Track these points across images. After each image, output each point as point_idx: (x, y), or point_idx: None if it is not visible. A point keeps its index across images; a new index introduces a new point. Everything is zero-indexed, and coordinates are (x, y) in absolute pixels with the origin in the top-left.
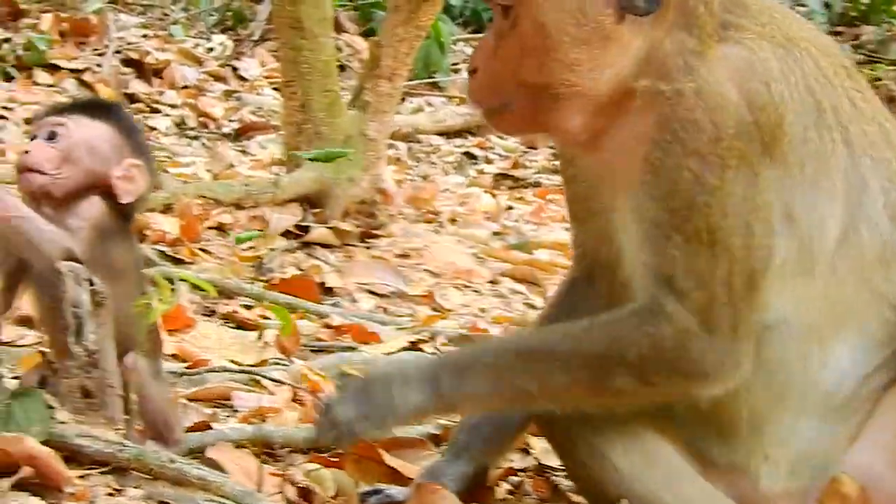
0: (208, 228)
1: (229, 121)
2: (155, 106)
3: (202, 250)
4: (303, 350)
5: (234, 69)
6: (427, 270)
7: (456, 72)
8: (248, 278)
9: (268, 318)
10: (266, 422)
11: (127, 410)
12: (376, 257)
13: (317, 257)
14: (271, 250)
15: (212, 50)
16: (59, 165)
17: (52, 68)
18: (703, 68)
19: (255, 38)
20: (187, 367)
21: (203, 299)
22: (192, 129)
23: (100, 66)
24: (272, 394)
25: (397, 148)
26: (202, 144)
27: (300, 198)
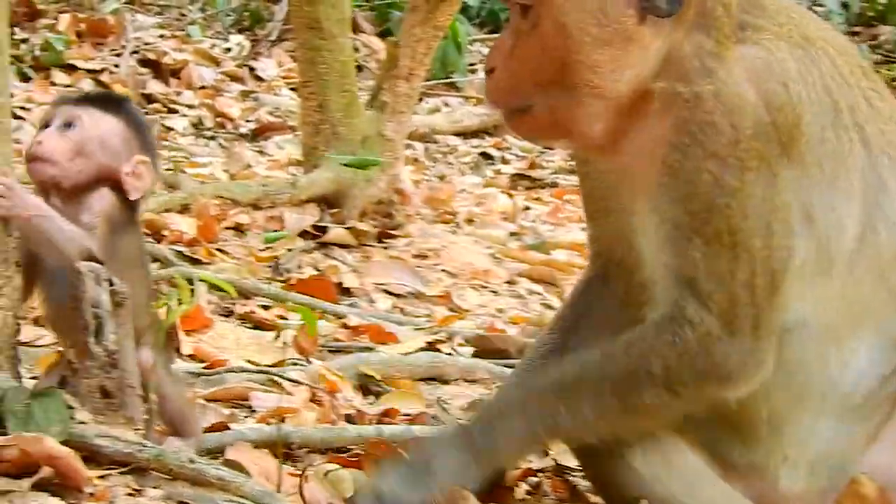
0: (225, 229)
1: (246, 121)
2: (172, 106)
3: (219, 250)
4: (320, 350)
5: (252, 69)
6: (444, 271)
7: (473, 72)
8: (266, 279)
9: (285, 319)
10: (284, 422)
11: (147, 410)
12: (394, 257)
13: (334, 257)
14: (289, 250)
15: (229, 50)
16: (71, 157)
17: (70, 69)
18: (722, 70)
19: (273, 38)
20: (205, 368)
21: (220, 300)
22: (210, 129)
23: (117, 66)
24: (290, 394)
25: (414, 148)
26: (219, 145)
27: (318, 198)
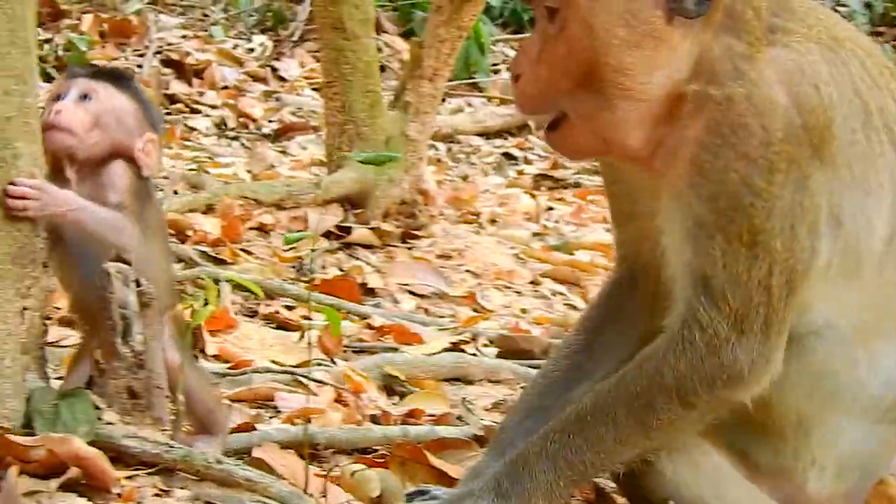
0: (249, 229)
1: (269, 121)
2: (195, 106)
3: (243, 251)
4: (345, 351)
5: (274, 70)
6: (468, 271)
7: (496, 72)
8: (290, 279)
9: (309, 319)
10: (310, 423)
11: (174, 411)
12: (417, 258)
13: (358, 258)
14: (312, 251)
15: (252, 50)
16: (89, 129)
17: None
18: (753, 72)
19: (295, 38)
20: (229, 368)
21: (245, 300)
22: (232, 129)
23: (140, 66)
24: (315, 395)
25: (437, 148)
26: (242, 145)
27: (341, 198)
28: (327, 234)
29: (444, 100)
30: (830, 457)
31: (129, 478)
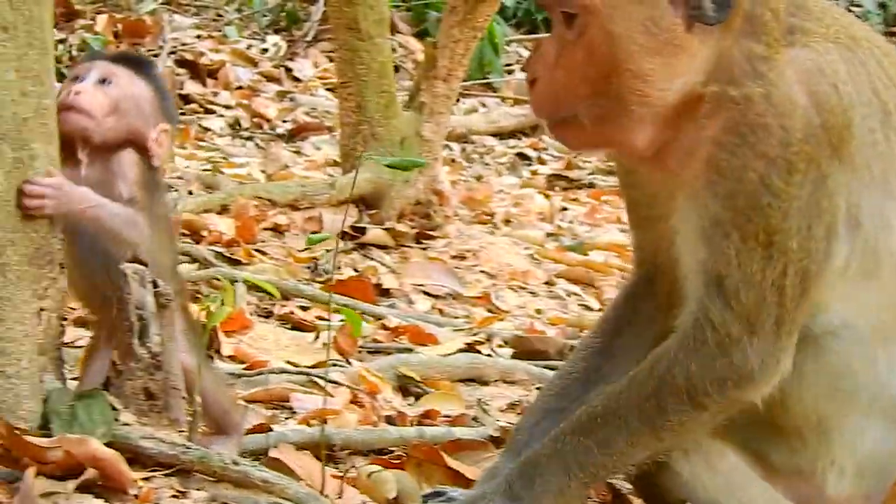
0: (264, 229)
1: (283, 121)
2: (209, 107)
3: (258, 251)
4: (360, 351)
5: (288, 70)
6: (483, 272)
7: (510, 73)
8: (304, 279)
9: (325, 320)
10: (326, 423)
11: (191, 412)
12: (432, 258)
13: (372, 258)
14: (327, 251)
15: (266, 51)
16: (107, 113)
17: None
18: (772, 73)
19: (309, 38)
20: (245, 369)
21: (260, 301)
22: (246, 129)
23: None
24: (330, 395)
25: (451, 149)
26: (256, 145)
27: (356, 199)
28: (342, 235)
29: (458, 100)
30: (850, 458)
31: (145, 479)
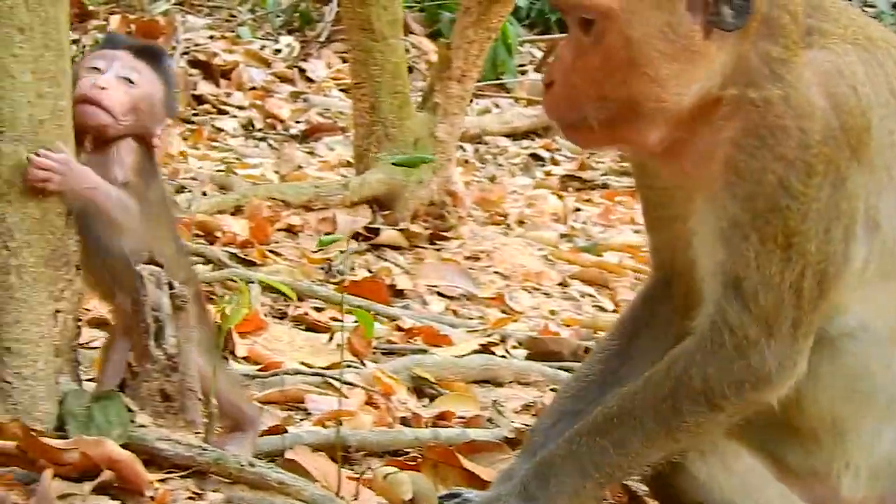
0: (278, 230)
1: (296, 122)
2: (222, 107)
3: (272, 252)
4: (374, 352)
5: (301, 70)
6: (497, 273)
7: (523, 73)
8: (318, 280)
9: (339, 321)
10: (342, 425)
11: (207, 413)
12: (446, 259)
13: (386, 259)
14: (341, 252)
15: (279, 51)
16: (126, 112)
17: None
18: (790, 75)
19: (322, 39)
20: (259, 370)
21: (274, 302)
22: (260, 130)
23: None
24: (345, 397)
25: (464, 150)
26: (269, 146)
27: (370, 200)
28: (356, 236)
29: (471, 101)
30: (865, 460)
31: (161, 480)
